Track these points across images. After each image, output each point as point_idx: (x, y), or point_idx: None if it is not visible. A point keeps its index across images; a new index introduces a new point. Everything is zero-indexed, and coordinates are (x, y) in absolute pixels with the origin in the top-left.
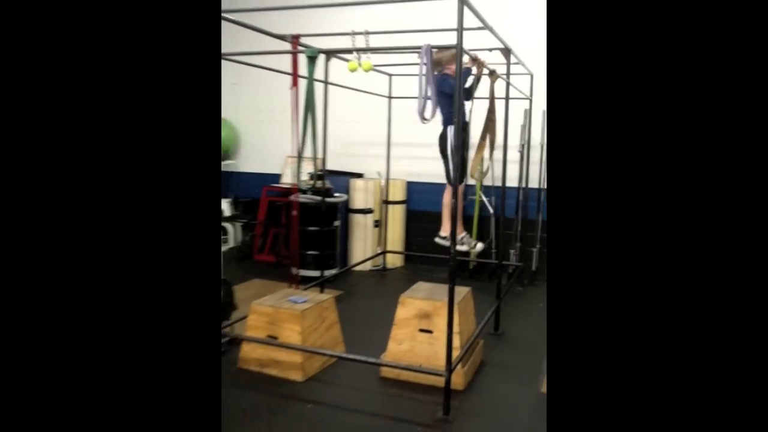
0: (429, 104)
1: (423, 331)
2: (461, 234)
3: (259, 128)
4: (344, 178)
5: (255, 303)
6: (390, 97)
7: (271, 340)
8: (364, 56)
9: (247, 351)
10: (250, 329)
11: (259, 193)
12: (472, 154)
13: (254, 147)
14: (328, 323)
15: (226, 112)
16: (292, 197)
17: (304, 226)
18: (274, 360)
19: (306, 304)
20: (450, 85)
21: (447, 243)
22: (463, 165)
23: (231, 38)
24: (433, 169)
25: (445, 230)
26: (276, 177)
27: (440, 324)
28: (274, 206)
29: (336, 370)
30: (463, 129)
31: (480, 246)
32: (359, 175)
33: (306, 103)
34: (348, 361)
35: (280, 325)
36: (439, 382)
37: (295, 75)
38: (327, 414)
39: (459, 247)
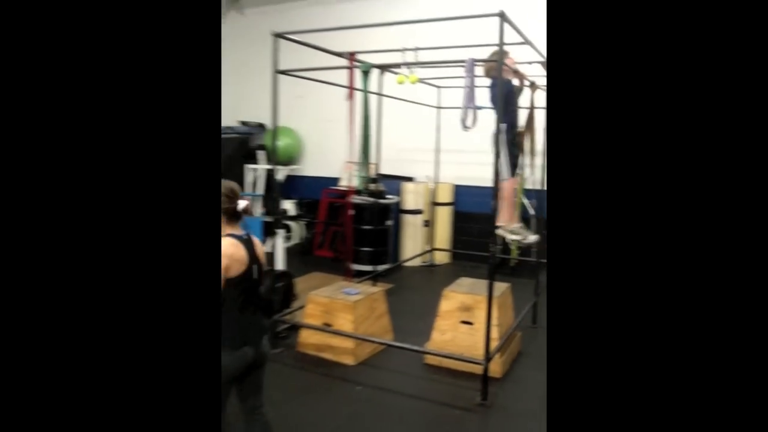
0: (470, 113)
1: (464, 322)
2: (516, 224)
3: (321, 136)
4: (396, 181)
5: (312, 293)
6: (439, 108)
7: (326, 327)
8: (410, 70)
9: (305, 336)
10: (308, 317)
11: (320, 195)
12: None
13: (316, 153)
14: (378, 313)
15: (292, 122)
16: (348, 198)
17: (359, 224)
18: (328, 345)
19: (358, 295)
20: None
21: (503, 233)
22: (515, 161)
23: (297, 56)
24: (479, 173)
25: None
26: (335, 180)
27: (480, 316)
28: (333, 207)
29: (384, 356)
30: (510, 129)
31: (534, 237)
32: (410, 179)
33: (364, 113)
34: (395, 348)
35: (334, 314)
36: (478, 369)
37: (351, 88)
38: (375, 395)
39: (513, 237)
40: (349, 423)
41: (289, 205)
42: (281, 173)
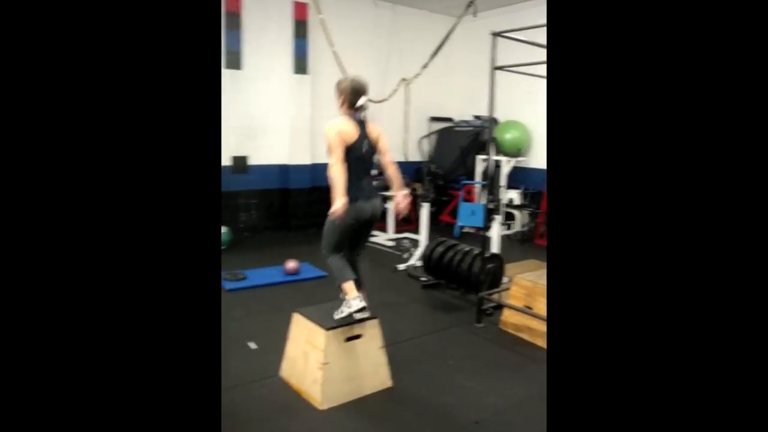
0: None
1: None
2: None
3: (546, 130)
4: None
5: (517, 277)
6: None
7: (526, 310)
8: None
9: (507, 316)
10: (511, 298)
11: (544, 186)
12: None
13: (541, 146)
14: None
15: (522, 116)
16: None
17: None
18: (526, 326)
19: None
20: None
21: None
22: None
23: (526, 54)
24: None
25: None
26: None
27: None
28: None
29: None
30: None
31: None
32: None
33: None
34: None
35: (535, 297)
36: None
37: None
38: None
39: None
40: (526, 401)
41: (514, 195)
42: (509, 164)
